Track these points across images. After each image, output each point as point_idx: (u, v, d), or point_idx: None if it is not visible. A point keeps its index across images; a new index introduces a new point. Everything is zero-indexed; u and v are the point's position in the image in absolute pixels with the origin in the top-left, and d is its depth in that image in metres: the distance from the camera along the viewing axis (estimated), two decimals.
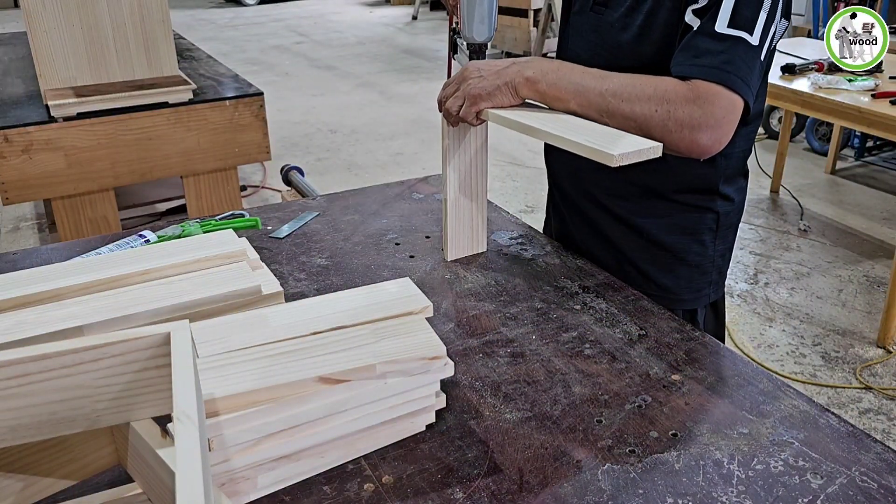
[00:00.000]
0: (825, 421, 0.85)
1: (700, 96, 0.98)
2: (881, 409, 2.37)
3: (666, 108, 0.98)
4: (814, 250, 3.41)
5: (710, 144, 0.99)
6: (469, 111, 1.08)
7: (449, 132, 1.14)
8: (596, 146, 0.92)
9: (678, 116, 0.98)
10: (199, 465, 0.48)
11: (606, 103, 1.02)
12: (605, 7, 1.18)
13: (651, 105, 0.99)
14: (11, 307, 0.88)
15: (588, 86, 1.04)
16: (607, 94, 1.02)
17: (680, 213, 1.22)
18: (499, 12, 5.56)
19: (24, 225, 3.79)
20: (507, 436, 0.83)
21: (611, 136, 0.97)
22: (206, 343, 0.79)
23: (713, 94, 0.98)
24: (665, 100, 0.98)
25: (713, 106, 0.97)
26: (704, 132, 0.98)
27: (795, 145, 4.64)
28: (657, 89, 1.00)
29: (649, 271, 1.26)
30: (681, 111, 0.98)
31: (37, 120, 2.31)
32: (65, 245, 1.33)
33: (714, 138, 0.99)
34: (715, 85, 0.98)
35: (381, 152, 4.88)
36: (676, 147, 1.00)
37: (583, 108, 1.04)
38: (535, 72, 1.06)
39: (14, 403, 0.61)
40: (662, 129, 0.99)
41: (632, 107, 1.00)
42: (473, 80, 1.08)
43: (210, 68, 3.10)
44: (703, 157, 1.01)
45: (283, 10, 11.29)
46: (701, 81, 0.98)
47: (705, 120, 0.97)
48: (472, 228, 1.25)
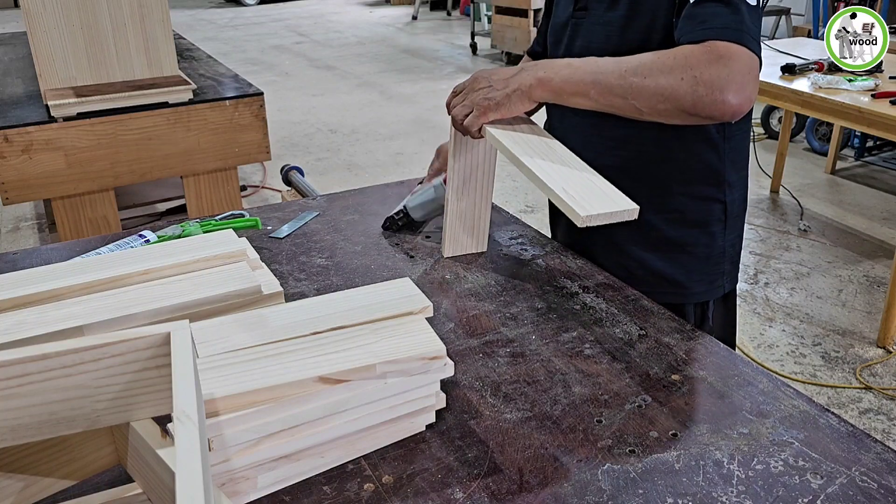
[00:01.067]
0: (825, 421, 0.85)
1: (722, 56, 0.96)
2: (881, 409, 2.37)
3: (691, 73, 0.97)
4: (814, 250, 3.41)
5: (741, 103, 0.98)
6: (475, 122, 1.06)
7: (456, 133, 1.14)
8: (569, 201, 0.90)
9: (706, 79, 0.96)
10: (199, 465, 0.48)
11: (629, 83, 1.00)
12: (585, 11, 1.20)
13: (676, 74, 0.97)
14: (11, 307, 0.88)
15: (606, 70, 1.02)
16: (627, 73, 1.00)
17: (687, 206, 1.22)
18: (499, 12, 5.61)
19: (24, 225, 3.79)
20: (507, 436, 0.83)
21: (590, 192, 0.93)
22: (206, 343, 0.79)
23: (734, 53, 0.97)
24: (688, 66, 0.97)
25: (737, 62, 0.96)
26: (732, 91, 0.96)
27: (795, 145, 4.64)
28: (676, 58, 0.98)
29: (658, 268, 1.25)
30: (707, 73, 0.96)
31: (37, 120, 2.31)
32: (65, 245, 1.33)
33: (744, 96, 0.97)
34: (732, 44, 0.97)
35: (381, 152, 4.88)
36: (709, 112, 0.98)
37: (604, 96, 1.02)
38: (546, 71, 1.05)
39: (14, 403, 0.61)
40: (693, 96, 0.97)
41: (656, 80, 0.98)
42: (483, 90, 1.07)
43: (210, 68, 3.10)
44: (735, 118, 0.99)
45: (283, 10, 11.29)
46: (718, 42, 0.97)
47: (732, 77, 0.96)
48: (473, 229, 1.25)
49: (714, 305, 1.30)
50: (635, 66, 1.00)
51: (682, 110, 0.98)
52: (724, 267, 1.28)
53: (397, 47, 8.37)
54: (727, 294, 1.32)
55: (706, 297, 1.28)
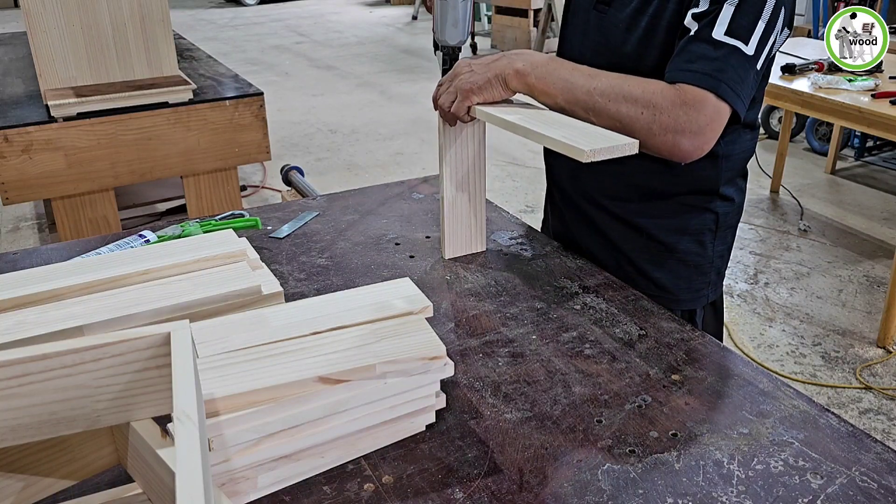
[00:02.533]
0: (825, 421, 0.85)
1: (687, 102, 0.98)
2: (881, 409, 2.37)
3: (652, 111, 0.99)
4: (814, 250, 3.41)
5: (692, 150, 1.00)
6: (461, 106, 1.08)
7: (445, 131, 1.14)
8: (569, 141, 0.92)
9: (663, 121, 0.98)
10: (199, 465, 0.48)
11: (593, 102, 1.02)
12: (608, 6, 1.17)
13: (637, 107, 1.00)
14: (11, 307, 0.88)
15: (576, 83, 1.04)
16: (595, 92, 1.02)
17: (680, 214, 1.22)
18: (499, 12, 5.59)
19: (24, 225, 3.79)
20: (507, 436, 0.83)
21: (587, 133, 0.96)
22: (206, 343, 0.79)
23: (700, 101, 0.98)
24: (652, 103, 0.99)
25: (698, 112, 0.98)
26: (687, 137, 0.99)
27: (795, 145, 4.64)
28: (645, 92, 1.00)
29: (648, 270, 1.26)
30: (666, 116, 0.98)
31: (37, 120, 2.31)
32: (65, 245, 1.33)
33: (696, 144, 0.99)
34: (703, 91, 0.98)
35: (381, 152, 4.88)
36: (658, 150, 1.01)
37: (570, 104, 1.05)
38: (524, 64, 1.06)
39: (14, 403, 0.61)
40: (646, 132, 0.99)
41: (618, 107, 1.01)
42: (464, 75, 1.09)
43: (210, 68, 3.10)
44: (684, 161, 1.02)
45: (283, 10, 11.29)
46: (690, 86, 0.99)
47: (689, 125, 0.98)
48: (471, 228, 1.25)
49: (703, 312, 1.31)
50: (603, 87, 1.02)
51: None
52: (711, 277, 1.28)
53: (397, 47, 8.37)
54: (714, 302, 1.32)
55: (690, 306, 1.29)
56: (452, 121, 1.12)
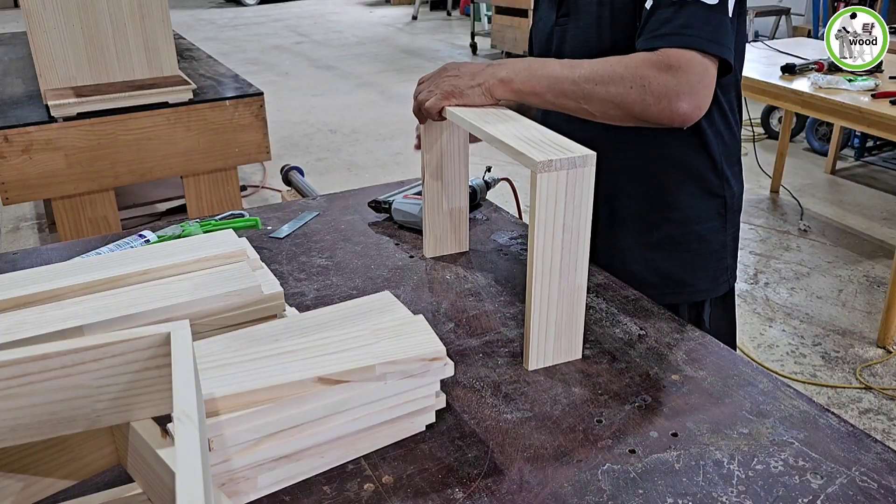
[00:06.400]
0: (825, 421, 0.85)
1: (672, 65, 0.98)
2: (881, 409, 2.37)
3: (640, 83, 0.99)
4: (814, 250, 3.41)
5: (691, 111, 0.99)
6: (437, 104, 1.08)
7: (424, 132, 1.15)
8: (524, 150, 0.89)
9: (654, 89, 0.98)
10: (199, 465, 0.48)
11: (581, 89, 1.02)
12: (567, 18, 1.20)
13: (625, 83, 1.00)
14: (11, 307, 0.88)
15: (561, 76, 1.04)
16: (580, 80, 1.02)
17: (688, 203, 1.23)
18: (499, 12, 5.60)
19: (24, 225, 3.79)
20: (507, 436, 0.83)
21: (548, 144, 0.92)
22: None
23: (685, 61, 0.98)
24: (639, 76, 0.99)
25: (687, 72, 0.98)
26: (683, 100, 0.98)
27: (795, 145, 4.64)
28: (628, 67, 1.00)
29: (663, 267, 1.26)
30: (655, 83, 0.98)
31: (37, 120, 2.31)
32: (65, 245, 1.33)
33: (694, 104, 0.99)
34: (683, 50, 0.98)
35: (381, 152, 4.88)
36: (658, 119, 1.00)
37: (559, 98, 1.05)
38: (508, 72, 1.07)
39: (14, 403, 0.61)
40: (642, 105, 0.99)
41: (606, 88, 1.01)
42: (451, 76, 1.10)
43: (210, 68, 3.10)
44: (686, 124, 1.01)
45: (283, 10, 11.29)
46: (669, 49, 0.99)
47: (681, 87, 0.98)
48: (452, 228, 1.25)
49: (711, 308, 1.31)
50: (587, 73, 1.02)
51: (633, 116, 1.01)
52: (727, 262, 1.29)
53: (397, 47, 8.37)
54: (725, 295, 1.32)
55: (711, 294, 1.29)
56: (423, 117, 1.12)
